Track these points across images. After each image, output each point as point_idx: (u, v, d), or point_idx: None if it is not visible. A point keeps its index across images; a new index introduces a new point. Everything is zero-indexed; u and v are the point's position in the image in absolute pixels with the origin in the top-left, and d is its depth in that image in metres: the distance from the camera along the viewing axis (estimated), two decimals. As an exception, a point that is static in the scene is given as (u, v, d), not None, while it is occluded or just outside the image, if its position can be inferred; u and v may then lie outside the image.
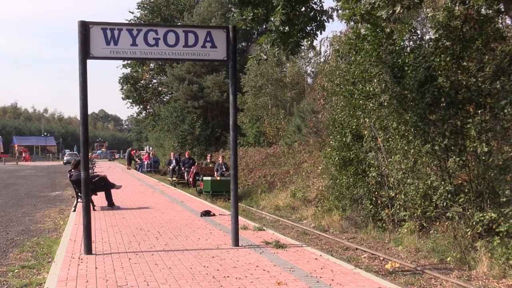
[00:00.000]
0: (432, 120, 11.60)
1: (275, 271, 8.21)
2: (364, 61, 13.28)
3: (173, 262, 8.82)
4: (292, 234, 13.64)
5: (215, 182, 22.95)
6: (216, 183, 22.90)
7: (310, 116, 26.44)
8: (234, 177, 10.59)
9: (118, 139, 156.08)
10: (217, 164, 25.22)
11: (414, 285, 8.79)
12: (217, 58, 10.41)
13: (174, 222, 13.54)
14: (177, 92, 45.24)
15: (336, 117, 15.54)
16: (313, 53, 33.63)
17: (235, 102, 10.50)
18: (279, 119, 33.84)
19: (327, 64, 27.21)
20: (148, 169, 41.44)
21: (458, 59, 11.46)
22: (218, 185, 22.73)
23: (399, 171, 12.48)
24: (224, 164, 25.00)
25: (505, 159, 10.06)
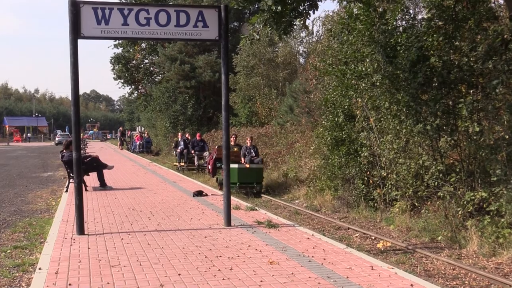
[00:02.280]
0: (424, 100, 11.60)
1: (267, 251, 8.25)
2: (356, 40, 13.24)
3: (166, 242, 8.85)
4: (284, 214, 13.68)
5: (243, 171, 17.72)
6: (245, 172, 17.73)
7: (302, 96, 26.38)
8: (226, 157, 10.62)
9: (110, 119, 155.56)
10: (245, 147, 18.94)
11: (405, 263, 8.85)
12: (209, 38, 10.35)
13: (167, 202, 13.55)
14: (169, 72, 45.00)
15: (328, 97, 15.51)
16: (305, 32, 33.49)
17: (227, 82, 10.47)
18: (271, 99, 33.75)
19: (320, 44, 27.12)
20: (140, 150, 41.37)
21: (451, 38, 11.43)
22: (248, 174, 17.72)
23: (391, 151, 12.50)
24: (253, 147, 19.13)
25: (496, 138, 10.09)
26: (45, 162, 34.08)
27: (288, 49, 35.88)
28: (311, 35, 34.05)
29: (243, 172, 17.71)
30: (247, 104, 35.18)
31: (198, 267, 7.27)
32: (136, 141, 43.77)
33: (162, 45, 47.55)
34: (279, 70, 35.56)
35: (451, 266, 8.71)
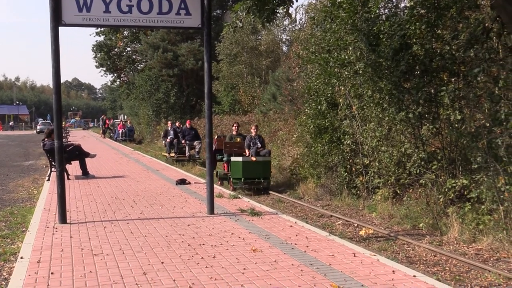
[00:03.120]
0: (407, 88, 11.64)
1: (250, 239, 8.27)
2: (339, 28, 13.23)
3: (149, 231, 8.83)
4: (267, 202, 13.72)
5: (249, 164, 15.52)
6: (250, 166, 15.53)
7: (285, 84, 26.39)
8: (209, 145, 10.60)
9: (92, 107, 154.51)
10: (249, 137, 16.72)
11: (387, 250, 8.92)
12: (191, 25, 10.30)
13: (149, 191, 13.52)
14: (152, 60, 44.77)
15: (311, 85, 15.52)
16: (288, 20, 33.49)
17: (210, 70, 10.44)
18: (254, 87, 33.73)
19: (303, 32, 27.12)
20: (123, 138, 41.19)
21: (433, 27, 11.47)
22: (254, 169, 15.56)
23: (374, 139, 12.55)
24: (258, 137, 16.81)
25: (477, 126, 10.16)
26: (26, 151, 33.81)
27: (271, 37, 35.85)
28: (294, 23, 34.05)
29: (248, 166, 15.46)
30: (230, 92, 35.13)
31: (181, 255, 7.27)
32: (118, 129, 43.57)
33: (145, 33, 47.27)
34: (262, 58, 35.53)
35: (432, 253, 8.80)
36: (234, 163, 15.59)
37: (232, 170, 15.65)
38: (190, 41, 43.81)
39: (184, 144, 24.00)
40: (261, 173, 15.57)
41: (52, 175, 15.17)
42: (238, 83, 34.96)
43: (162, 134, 27.61)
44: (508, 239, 8.73)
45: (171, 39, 44.76)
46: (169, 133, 25.42)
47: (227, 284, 5.97)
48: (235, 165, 15.54)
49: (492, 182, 9.16)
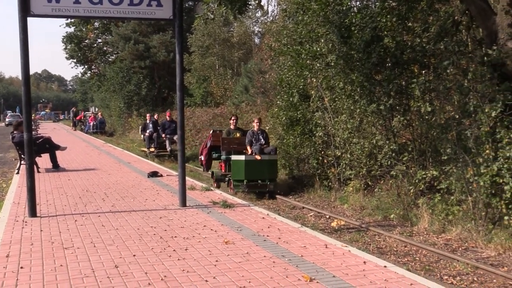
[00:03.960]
0: (378, 80, 11.73)
1: (223, 231, 8.27)
2: (311, 21, 13.27)
3: (120, 223, 8.77)
4: (239, 194, 13.70)
5: (253, 164, 13.50)
6: (254, 166, 13.48)
7: (257, 76, 26.40)
8: (181, 138, 10.56)
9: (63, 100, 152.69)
10: (251, 132, 14.59)
11: (358, 241, 8.99)
12: (163, 17, 10.21)
13: (121, 183, 13.43)
14: (123, 52, 44.39)
15: (283, 77, 15.55)
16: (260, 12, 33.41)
17: (181, 62, 10.37)
18: (227, 79, 33.66)
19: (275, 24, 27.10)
20: (94, 130, 40.84)
21: (404, 19, 11.56)
22: (258, 169, 13.51)
23: (345, 131, 12.63)
24: (262, 132, 14.69)
25: (447, 118, 10.29)
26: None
27: (243, 29, 35.77)
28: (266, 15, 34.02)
29: (252, 166, 13.42)
30: (202, 84, 35.01)
31: (153, 247, 7.24)
32: (89, 121, 43.18)
33: (116, 24, 46.82)
34: (234, 50, 35.44)
35: (403, 243, 8.90)
36: (235, 163, 13.63)
37: (233, 170, 13.68)
38: (162, 33, 43.53)
39: (164, 138, 22.57)
40: (266, 174, 13.53)
41: (22, 168, 14.98)
42: (210, 75, 34.83)
43: (140, 128, 25.81)
44: (476, 229, 8.87)
45: (143, 30, 44.41)
46: (148, 126, 23.78)
47: (199, 277, 5.96)
48: (236, 164, 13.54)
49: (461, 173, 9.28)
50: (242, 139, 14.60)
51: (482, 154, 8.95)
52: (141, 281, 5.80)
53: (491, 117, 8.84)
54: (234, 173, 13.73)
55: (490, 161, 8.76)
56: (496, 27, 9.88)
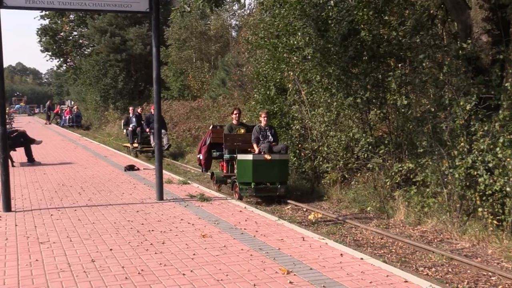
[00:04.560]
0: (355, 73, 11.78)
1: (200, 224, 8.26)
2: (288, 14, 13.27)
3: (97, 217, 8.72)
4: (217, 187, 13.68)
5: (261, 164, 11.80)
6: (263, 166, 11.80)
7: (234, 69, 26.34)
8: (158, 131, 10.53)
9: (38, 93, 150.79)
10: (257, 128, 12.66)
11: (335, 234, 9.04)
12: (139, 9, 10.14)
13: (98, 177, 13.34)
14: (99, 45, 43.99)
15: (260, 70, 15.54)
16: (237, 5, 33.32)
17: (158, 55, 10.33)
18: (204, 72, 33.53)
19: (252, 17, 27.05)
20: (70, 124, 40.48)
21: (380, 13, 11.61)
22: (268, 170, 11.81)
23: (322, 124, 12.67)
24: (270, 128, 12.80)
25: (423, 111, 10.38)
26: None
27: (220, 22, 35.64)
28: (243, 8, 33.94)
29: (260, 167, 11.76)
30: (179, 77, 34.85)
31: (130, 241, 7.21)
32: (65, 115, 42.76)
33: (92, 16, 46.36)
34: (211, 43, 35.30)
35: (379, 236, 8.97)
36: (241, 163, 11.86)
37: (239, 172, 11.91)
38: (139, 26, 43.19)
39: (149, 133, 20.62)
40: (276, 176, 11.87)
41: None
42: (187, 68, 34.66)
43: (122, 122, 23.60)
44: (451, 221, 8.97)
45: (119, 23, 44.03)
46: (131, 120, 22.03)
47: (176, 270, 5.95)
48: (243, 165, 11.83)
49: (436, 166, 9.37)
50: (246, 136, 12.76)
51: (457, 146, 9.04)
52: (118, 275, 5.78)
53: (465, 110, 8.94)
54: (240, 175, 11.87)
55: (464, 154, 8.86)
56: (471, 21, 9.97)
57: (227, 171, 12.96)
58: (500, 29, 9.68)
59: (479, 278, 6.89)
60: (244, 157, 11.93)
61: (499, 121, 8.47)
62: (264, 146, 12.07)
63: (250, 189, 11.69)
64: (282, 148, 12.14)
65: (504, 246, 7.96)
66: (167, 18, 34.78)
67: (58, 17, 53.43)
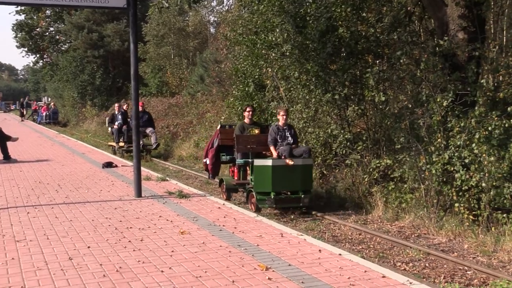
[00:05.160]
0: (333, 69, 11.82)
1: (179, 221, 8.24)
2: (266, 10, 13.26)
3: (74, 215, 8.66)
4: (195, 184, 13.68)
5: (283, 171, 10.16)
6: (284, 173, 10.16)
7: (213, 65, 26.28)
8: (136, 128, 10.48)
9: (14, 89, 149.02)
10: (275, 128, 10.88)
11: (314, 230, 9.08)
12: (116, 5, 10.07)
13: (75, 174, 13.24)
14: (76, 41, 43.61)
15: (239, 66, 15.53)
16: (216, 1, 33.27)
17: (136, 52, 10.28)
18: (182, 69, 33.42)
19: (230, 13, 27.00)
20: (47, 121, 40.11)
21: (358, 10, 11.67)
22: (289, 177, 10.20)
23: (301, 120, 12.70)
24: (289, 128, 11.01)
25: (400, 107, 10.46)
26: None
27: (198, 19, 35.54)
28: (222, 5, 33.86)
29: (281, 174, 10.10)
30: (157, 74, 34.69)
31: (108, 239, 7.17)
32: (42, 112, 42.37)
33: (68, 12, 45.91)
34: (189, 40, 35.18)
35: (358, 231, 9.02)
36: (259, 170, 10.19)
37: (256, 180, 10.22)
38: (116, 22, 42.88)
39: None
40: (299, 184, 10.27)
41: (-28, 159, 14.63)
42: (165, 65, 34.52)
43: (107, 120, 21.89)
44: (428, 217, 9.05)
45: (96, 19, 43.68)
46: (117, 118, 20.24)
47: (155, 267, 5.93)
48: (261, 172, 10.15)
49: (414, 162, 9.45)
50: (261, 137, 11.04)
51: (434, 142, 9.14)
52: (96, 272, 5.74)
53: (442, 107, 9.03)
54: (257, 183, 10.19)
55: (441, 150, 8.95)
56: (447, 18, 10.06)
57: (238, 178, 11.26)
58: (475, 26, 9.78)
59: (455, 272, 6.97)
60: (262, 162, 10.25)
61: (475, 117, 8.57)
62: (284, 149, 10.41)
63: (270, 199, 9.99)
64: (304, 151, 10.45)
65: (479, 241, 8.06)
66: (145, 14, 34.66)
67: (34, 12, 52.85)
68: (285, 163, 10.09)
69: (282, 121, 10.82)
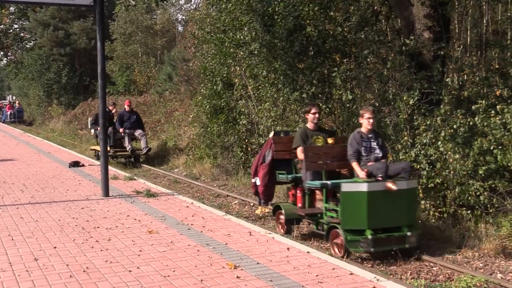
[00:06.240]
0: (301, 68, 11.86)
1: (147, 220, 8.21)
2: (234, 9, 13.24)
3: (40, 215, 8.56)
4: (163, 183, 13.61)
5: (380, 198, 7.22)
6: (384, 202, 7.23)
7: (181, 64, 26.20)
8: (103, 127, 10.40)
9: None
10: (357, 136, 7.97)
11: (282, 228, 9.09)
12: (83, 3, 10.00)
13: (41, 174, 13.08)
14: (42, 39, 42.99)
15: (207, 65, 15.49)
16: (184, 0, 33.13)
17: (103, 50, 10.20)
18: (150, 67, 33.26)
19: (198, 11, 26.92)
20: (12, 119, 39.52)
21: (326, 8, 11.71)
22: (390, 208, 7.28)
23: (269, 119, 12.72)
24: (375, 135, 8.15)
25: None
26: None
27: (166, 17, 35.42)
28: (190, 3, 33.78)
29: (380, 203, 7.28)
30: (125, 72, 34.46)
31: (75, 239, 7.10)
32: (6, 110, 41.73)
33: (33, 9, 45.22)
34: (157, 38, 35.03)
35: (326, 229, 9.05)
36: (349, 197, 7.25)
37: (345, 212, 7.23)
38: (83, 19, 42.38)
39: (123, 134, 17.02)
40: (403, 217, 7.46)
41: None
42: (133, 63, 34.31)
43: (90, 121, 18.79)
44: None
45: (62, 16, 43.11)
46: None
47: (122, 267, 5.89)
48: (351, 201, 7.23)
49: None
50: (337, 149, 8.22)
51: (400, 140, 9.23)
52: (62, 273, 5.68)
53: (409, 105, 9.13)
54: (346, 218, 7.21)
55: (408, 148, 9.05)
56: (413, 17, 10.17)
57: (303, 205, 8.31)
58: (441, 26, 9.90)
59: (421, 268, 7.05)
60: (353, 187, 7.28)
61: (441, 116, 8.68)
62: (379, 166, 7.61)
63: (366, 241, 7.02)
64: (403, 169, 7.69)
65: (445, 237, 8.18)
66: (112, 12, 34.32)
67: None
68: (386, 188, 7.19)
69: (368, 127, 7.95)
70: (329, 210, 7.73)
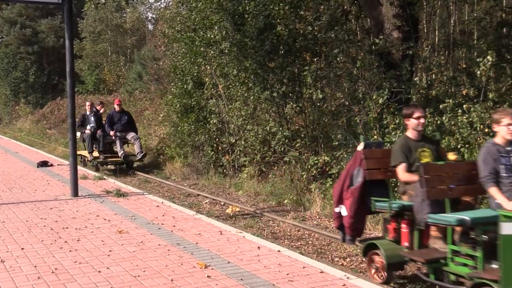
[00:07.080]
0: (271, 67, 11.88)
1: (116, 220, 8.14)
2: (205, 7, 13.22)
3: (7, 216, 8.43)
4: (133, 182, 13.51)
5: None
6: None
7: (151, 63, 26.08)
8: (71, 126, 10.30)
9: None
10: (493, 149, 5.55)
11: (253, 227, 9.10)
12: (51, 0, 9.87)
13: (8, 174, 12.89)
14: (8, 37, 42.36)
15: (177, 64, 15.43)
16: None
17: (71, 48, 10.09)
18: (119, 66, 33.03)
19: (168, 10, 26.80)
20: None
21: (296, 8, 11.76)
22: None
23: (239, 118, 12.72)
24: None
25: (338, 105, 10.61)
26: None
27: (136, 15, 35.21)
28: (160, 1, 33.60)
29: None
30: (94, 71, 34.17)
31: (43, 240, 7.01)
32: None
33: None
34: (127, 37, 34.81)
35: (296, 228, 9.09)
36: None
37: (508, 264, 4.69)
38: (51, 17, 41.88)
39: (114, 137, 15.33)
40: None
41: None
42: (102, 62, 34.05)
43: (78, 122, 15.33)
44: (366, 212, 9.18)
45: (30, 14, 42.55)
46: (89, 120, 15.95)
47: (92, 268, 5.83)
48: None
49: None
50: (464, 168, 5.97)
51: (370, 139, 9.30)
52: (30, 275, 5.60)
53: (378, 104, 9.21)
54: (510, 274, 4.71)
55: (377, 146, 9.11)
56: (382, 17, 10.27)
57: (410, 245, 6.01)
58: (409, 26, 10.01)
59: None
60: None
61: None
62: None
63: None
64: None
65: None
66: (81, 10, 34.00)
67: (-39, 6, 51.01)
68: None
69: (507, 137, 5.61)
70: (456, 254, 5.43)
